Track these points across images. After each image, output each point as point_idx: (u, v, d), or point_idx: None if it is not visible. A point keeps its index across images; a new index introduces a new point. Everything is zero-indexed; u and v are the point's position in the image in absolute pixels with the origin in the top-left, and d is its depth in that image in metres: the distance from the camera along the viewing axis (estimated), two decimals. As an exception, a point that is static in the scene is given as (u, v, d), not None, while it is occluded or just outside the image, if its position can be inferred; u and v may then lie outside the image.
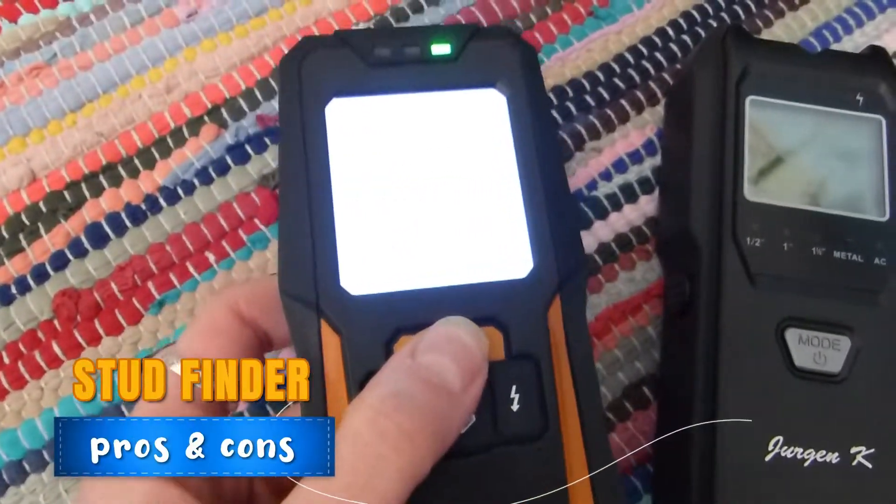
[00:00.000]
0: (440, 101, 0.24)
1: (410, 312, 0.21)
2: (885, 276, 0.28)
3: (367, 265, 0.22)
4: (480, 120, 0.24)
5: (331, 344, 0.21)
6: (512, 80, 0.24)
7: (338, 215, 0.22)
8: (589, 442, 0.22)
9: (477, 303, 0.22)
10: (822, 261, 0.28)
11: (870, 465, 0.26)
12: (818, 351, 0.27)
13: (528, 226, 0.23)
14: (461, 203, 0.23)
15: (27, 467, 0.30)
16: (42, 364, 0.31)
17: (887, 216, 0.29)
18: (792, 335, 0.27)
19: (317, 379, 0.21)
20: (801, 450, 0.26)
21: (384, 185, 0.23)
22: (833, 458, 0.26)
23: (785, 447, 0.26)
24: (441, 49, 0.24)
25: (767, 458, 0.26)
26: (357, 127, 0.24)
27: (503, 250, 0.23)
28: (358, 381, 0.21)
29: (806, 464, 0.26)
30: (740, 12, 0.38)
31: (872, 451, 0.26)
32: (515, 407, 0.21)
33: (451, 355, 0.20)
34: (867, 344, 0.27)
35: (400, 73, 0.24)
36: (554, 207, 0.23)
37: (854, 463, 0.26)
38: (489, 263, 0.23)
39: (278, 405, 0.31)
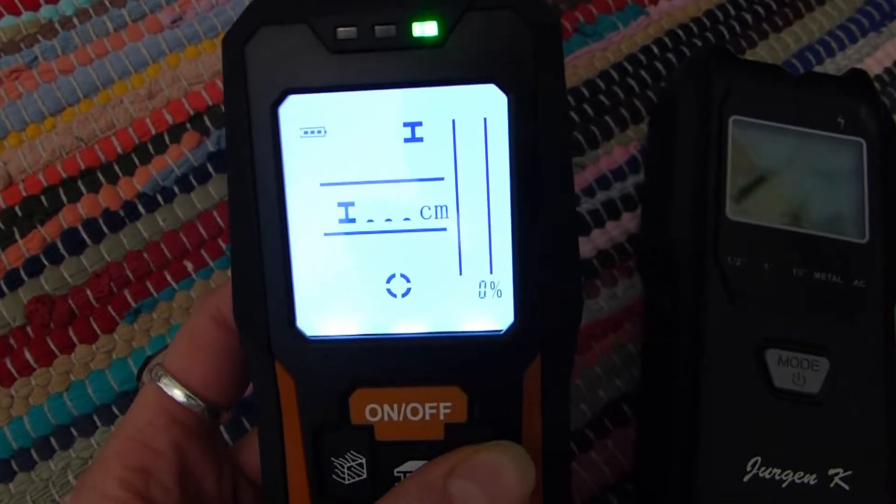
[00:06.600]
0: (421, 100, 0.20)
1: (370, 364, 0.20)
2: (863, 298, 0.28)
3: (325, 304, 0.20)
4: (471, 127, 0.20)
5: (286, 387, 0.20)
6: (518, 74, 0.19)
7: (294, 244, 0.20)
8: None
9: (443, 359, 0.20)
10: (802, 282, 0.28)
11: (847, 487, 0.26)
12: (797, 372, 0.27)
13: (513, 269, 0.20)
14: (438, 237, 0.20)
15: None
16: (13, 371, 0.31)
17: (867, 238, 0.29)
18: (771, 356, 0.27)
19: (273, 422, 0.20)
20: (779, 471, 0.26)
21: (348, 208, 0.20)
22: (811, 479, 0.26)
23: (763, 468, 0.26)
24: (425, 28, 0.19)
25: (746, 478, 0.26)
26: (317, 133, 0.20)
27: (482, 297, 0.20)
28: (311, 432, 0.20)
29: (784, 485, 0.26)
30: (725, 33, 0.38)
31: (850, 472, 0.26)
32: None
33: (486, 492, 0.18)
34: (845, 365, 0.27)
35: (370, 63, 0.19)
36: (552, 246, 0.20)
37: (832, 485, 0.26)
38: (464, 311, 0.20)
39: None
